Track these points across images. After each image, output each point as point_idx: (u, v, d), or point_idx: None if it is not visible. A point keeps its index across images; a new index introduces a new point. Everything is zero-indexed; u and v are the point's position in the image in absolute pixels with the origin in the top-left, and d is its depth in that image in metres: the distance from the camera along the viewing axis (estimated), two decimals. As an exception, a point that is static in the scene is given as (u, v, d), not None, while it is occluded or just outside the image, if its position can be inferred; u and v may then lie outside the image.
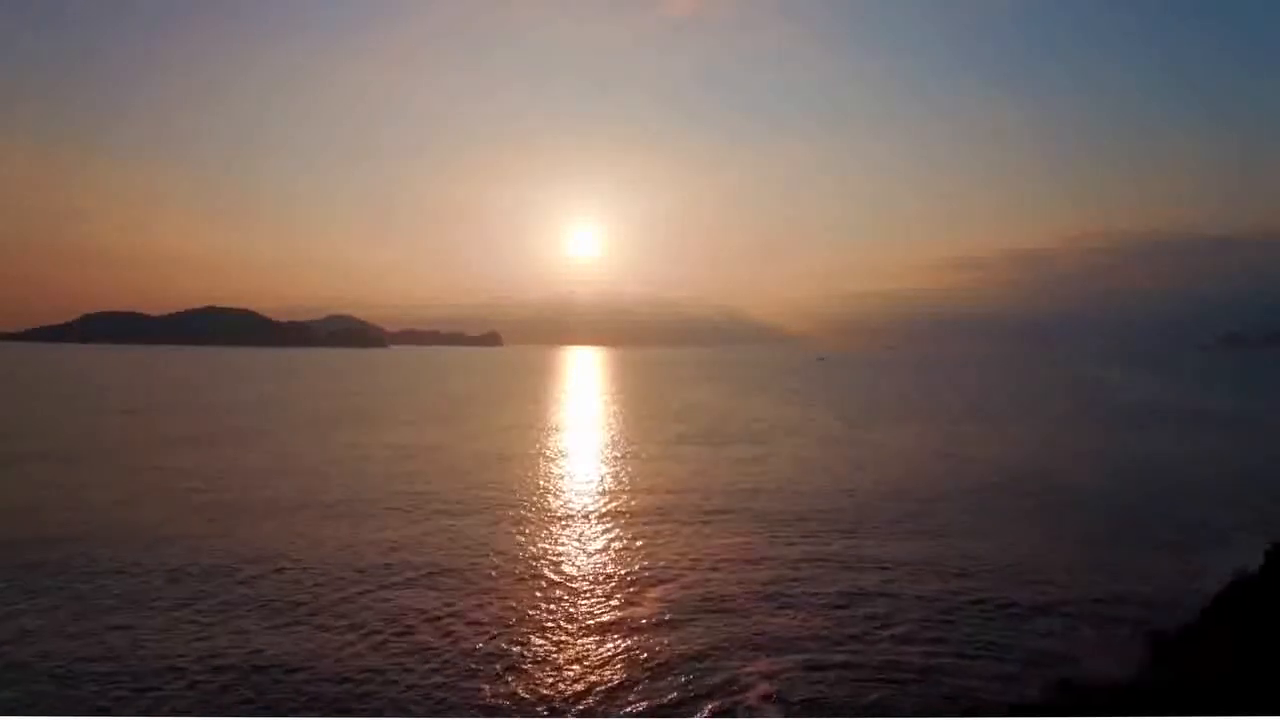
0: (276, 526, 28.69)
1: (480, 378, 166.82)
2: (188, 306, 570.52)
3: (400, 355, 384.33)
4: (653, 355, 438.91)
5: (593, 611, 20.25)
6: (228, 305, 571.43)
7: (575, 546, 26.78)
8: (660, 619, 19.59)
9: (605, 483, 38.74)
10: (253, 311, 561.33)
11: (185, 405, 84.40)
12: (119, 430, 59.61)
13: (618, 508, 32.71)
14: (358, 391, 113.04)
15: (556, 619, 19.67)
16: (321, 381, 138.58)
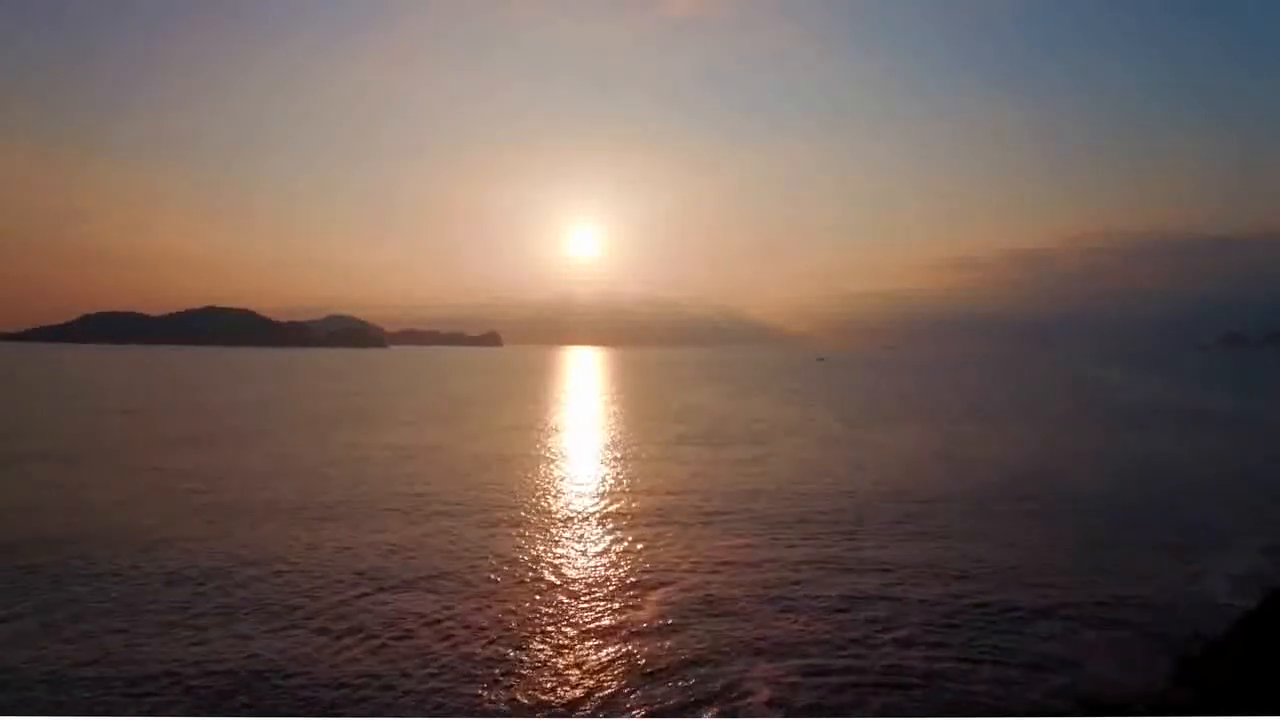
0: (276, 528, 28.62)
1: (480, 378, 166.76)
2: (188, 306, 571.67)
3: (400, 355, 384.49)
4: (652, 355, 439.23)
5: (593, 615, 20.17)
6: (227, 305, 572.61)
7: (575, 549, 26.70)
8: (661, 622, 19.49)
9: (605, 484, 38.67)
10: (252, 311, 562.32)
11: (185, 405, 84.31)
12: (118, 430, 59.53)
13: (618, 509, 32.64)
14: (357, 392, 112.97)
15: (556, 622, 19.58)
16: (321, 381, 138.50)
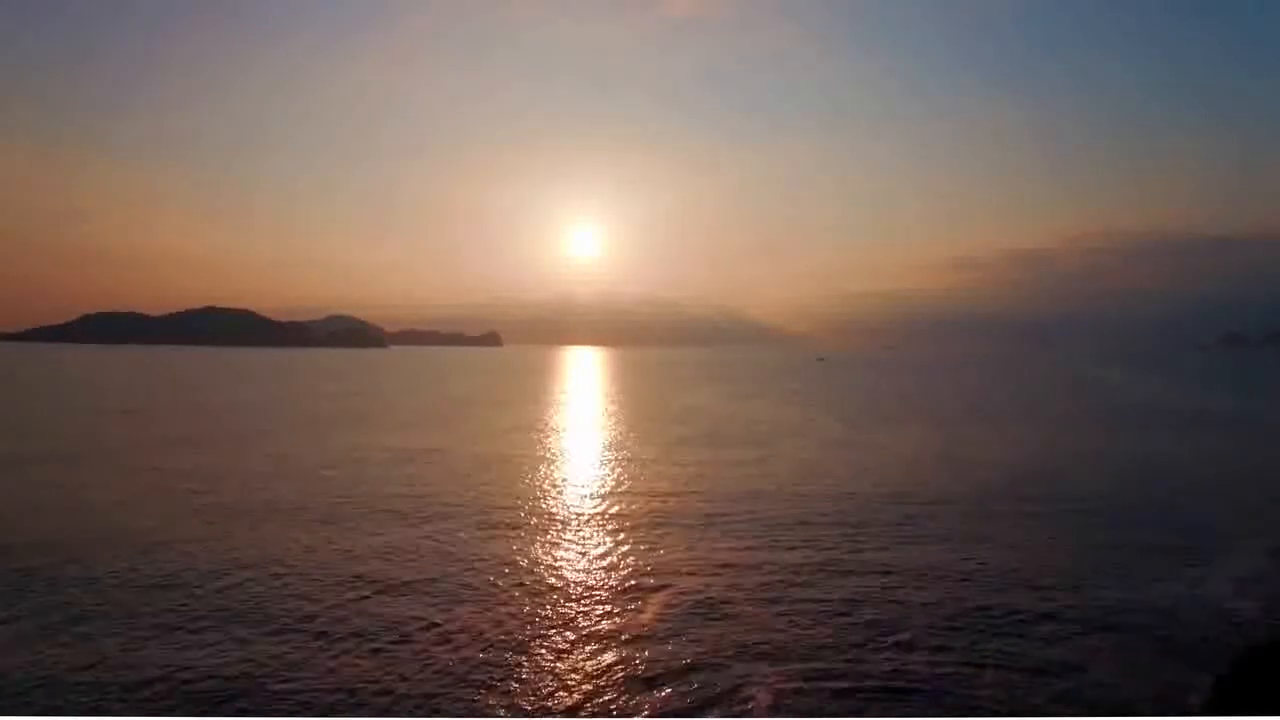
0: (275, 530, 28.55)
1: (480, 378, 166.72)
2: (187, 306, 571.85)
3: (400, 355, 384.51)
4: (652, 355, 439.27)
5: (593, 618, 20.09)
6: (227, 305, 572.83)
7: (576, 551, 26.62)
8: (661, 625, 19.43)
9: (606, 486, 38.60)
10: (252, 311, 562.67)
11: (185, 406, 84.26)
12: (118, 430, 59.47)
13: (619, 511, 32.57)
14: (357, 392, 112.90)
15: (556, 626, 19.50)
16: (321, 382, 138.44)
